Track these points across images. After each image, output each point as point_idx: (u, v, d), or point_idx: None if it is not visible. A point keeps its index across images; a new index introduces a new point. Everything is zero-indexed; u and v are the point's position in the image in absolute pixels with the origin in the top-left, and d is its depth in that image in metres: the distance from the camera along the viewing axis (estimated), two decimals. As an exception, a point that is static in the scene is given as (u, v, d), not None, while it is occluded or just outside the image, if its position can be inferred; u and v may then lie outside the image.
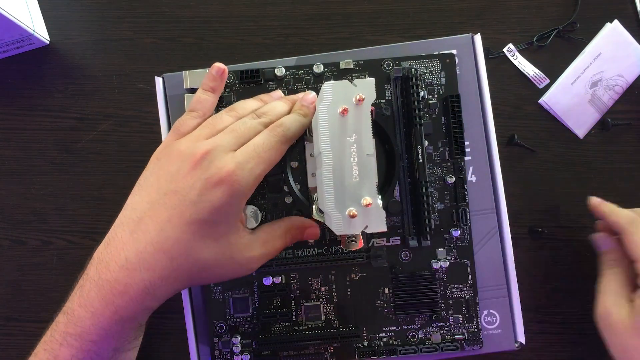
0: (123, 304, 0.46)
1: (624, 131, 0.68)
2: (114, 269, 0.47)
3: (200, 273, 0.48)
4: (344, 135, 0.44)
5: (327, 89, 0.44)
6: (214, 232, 0.48)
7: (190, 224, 0.47)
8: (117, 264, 0.47)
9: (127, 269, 0.46)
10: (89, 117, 0.67)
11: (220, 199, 0.47)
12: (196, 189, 0.47)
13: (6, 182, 0.67)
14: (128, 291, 0.46)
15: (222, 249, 0.49)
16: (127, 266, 0.46)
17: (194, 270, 0.48)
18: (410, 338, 0.57)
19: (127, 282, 0.46)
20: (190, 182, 0.47)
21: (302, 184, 0.56)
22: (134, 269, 0.46)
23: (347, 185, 0.44)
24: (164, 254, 0.46)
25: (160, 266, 0.46)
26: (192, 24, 0.68)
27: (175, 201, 0.47)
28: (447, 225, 0.57)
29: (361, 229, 0.44)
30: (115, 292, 0.46)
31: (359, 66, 0.57)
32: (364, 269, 0.57)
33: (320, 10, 0.69)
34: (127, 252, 0.47)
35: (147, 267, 0.46)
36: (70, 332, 0.48)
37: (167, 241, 0.46)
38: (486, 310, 0.58)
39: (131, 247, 0.47)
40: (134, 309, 0.47)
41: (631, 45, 0.68)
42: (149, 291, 0.47)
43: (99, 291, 0.47)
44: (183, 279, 0.48)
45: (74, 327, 0.47)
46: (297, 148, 0.56)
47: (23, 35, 0.64)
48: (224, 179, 0.47)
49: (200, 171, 0.47)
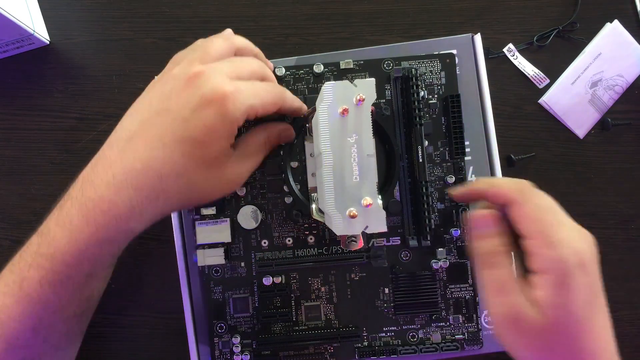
0: (104, 223, 0.45)
1: (624, 131, 0.68)
2: (99, 186, 0.45)
3: (190, 195, 0.47)
4: (344, 135, 0.44)
5: (327, 89, 0.44)
6: (205, 154, 0.46)
7: (181, 142, 0.45)
8: (102, 181, 0.45)
9: (113, 185, 0.45)
10: (89, 117, 0.67)
11: (212, 119, 0.45)
12: (189, 107, 0.45)
13: (6, 182, 0.67)
14: (112, 209, 0.45)
15: (213, 171, 0.48)
16: (113, 183, 0.45)
17: (183, 191, 0.46)
18: (410, 338, 0.57)
19: (112, 200, 0.45)
20: (183, 100, 0.46)
21: (302, 184, 0.56)
22: (121, 187, 0.45)
23: (348, 185, 0.44)
24: (153, 173, 0.45)
25: (148, 185, 0.45)
26: (192, 24, 0.68)
27: (167, 119, 0.46)
28: (447, 225, 0.57)
29: (361, 229, 0.44)
30: (98, 210, 0.45)
31: (359, 66, 0.57)
32: (364, 269, 0.57)
33: (320, 10, 0.69)
34: (114, 170, 0.45)
35: (134, 185, 0.45)
36: (42, 252, 0.46)
37: (157, 160, 0.45)
38: (486, 310, 0.58)
39: (119, 165, 0.45)
40: (116, 230, 0.45)
41: (631, 45, 0.68)
42: (135, 211, 0.45)
43: (80, 209, 0.45)
44: (172, 201, 0.47)
45: (47, 247, 0.46)
46: (297, 148, 0.56)
47: (23, 35, 0.64)
48: (217, 98, 0.45)
49: (194, 89, 0.46)
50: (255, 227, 0.56)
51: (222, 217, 0.56)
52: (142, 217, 0.46)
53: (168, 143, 0.45)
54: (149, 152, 0.45)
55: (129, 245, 0.64)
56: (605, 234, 0.67)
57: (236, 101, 0.46)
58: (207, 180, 0.47)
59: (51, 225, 0.46)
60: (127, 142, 0.46)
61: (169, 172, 0.45)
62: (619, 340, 0.65)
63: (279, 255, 0.57)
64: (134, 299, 0.65)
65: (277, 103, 0.50)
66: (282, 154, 0.55)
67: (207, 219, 0.56)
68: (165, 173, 0.45)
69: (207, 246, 0.56)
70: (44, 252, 0.46)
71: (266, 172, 0.56)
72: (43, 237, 0.46)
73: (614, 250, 0.67)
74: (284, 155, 0.55)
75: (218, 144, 0.47)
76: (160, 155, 0.45)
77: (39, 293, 0.46)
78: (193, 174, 0.46)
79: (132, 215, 0.45)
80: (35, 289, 0.46)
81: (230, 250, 0.57)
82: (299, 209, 0.55)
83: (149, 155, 0.45)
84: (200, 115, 0.45)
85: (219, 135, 0.46)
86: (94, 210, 0.45)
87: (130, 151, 0.45)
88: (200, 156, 0.46)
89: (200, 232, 0.56)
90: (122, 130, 0.47)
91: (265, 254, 0.57)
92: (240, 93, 0.46)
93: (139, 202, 0.45)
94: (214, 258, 0.56)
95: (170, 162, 0.45)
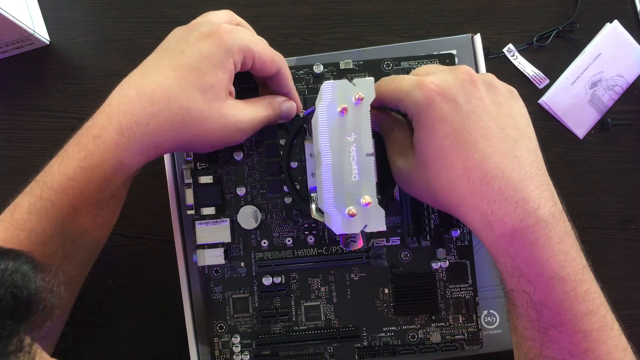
0: (93, 149, 0.46)
1: (624, 131, 0.68)
2: (95, 116, 0.47)
3: (183, 123, 0.47)
4: (343, 134, 0.44)
5: (326, 88, 0.44)
6: (200, 81, 0.46)
7: (175, 69, 0.46)
8: (100, 111, 0.47)
9: (106, 113, 0.46)
10: (89, 117, 0.67)
11: (208, 48, 0.46)
12: (186, 42, 0.47)
13: (6, 182, 0.67)
14: (101, 135, 0.46)
15: (208, 101, 0.47)
16: (107, 110, 0.46)
17: (175, 119, 0.46)
18: (410, 338, 0.57)
19: (103, 126, 0.46)
20: (182, 38, 0.48)
21: (302, 184, 0.56)
22: (113, 113, 0.46)
23: (347, 184, 0.44)
24: (146, 97, 0.46)
25: (140, 108, 0.46)
26: (192, 24, 0.68)
27: (165, 55, 0.48)
28: (447, 225, 0.57)
29: (360, 228, 0.44)
30: (89, 136, 0.46)
31: (358, 66, 0.57)
32: (363, 269, 0.57)
33: (320, 10, 0.69)
34: (110, 99, 0.47)
35: (125, 110, 0.46)
36: (37, 179, 0.48)
37: (150, 85, 0.46)
38: (486, 310, 0.58)
39: (115, 94, 0.47)
40: (104, 157, 0.46)
41: (631, 46, 0.68)
42: (124, 135, 0.45)
43: (75, 137, 0.47)
44: (163, 128, 0.46)
45: (42, 174, 0.47)
46: (297, 148, 0.56)
47: (23, 35, 0.64)
48: (215, 31, 0.47)
49: (193, 30, 0.48)
50: (255, 227, 0.56)
51: (222, 217, 0.56)
52: (131, 145, 0.46)
53: (163, 71, 0.47)
54: (143, 79, 0.47)
55: (129, 245, 0.64)
56: (605, 234, 0.67)
57: (232, 35, 0.47)
58: (203, 112, 0.47)
59: (52, 160, 0.48)
60: (127, 78, 0.48)
61: (162, 95, 0.46)
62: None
63: (278, 256, 0.57)
64: (134, 299, 0.65)
65: (276, 61, 0.51)
66: (282, 154, 0.55)
67: (207, 219, 0.56)
68: (157, 96, 0.46)
69: (207, 246, 0.56)
70: (38, 179, 0.47)
71: (266, 172, 0.56)
72: (43, 169, 0.48)
73: (614, 250, 0.67)
74: (284, 156, 0.55)
75: (213, 72, 0.47)
76: (155, 80, 0.46)
77: (25, 220, 0.47)
78: (186, 100, 0.46)
79: (120, 140, 0.46)
80: (22, 216, 0.47)
81: (230, 250, 0.57)
82: (298, 209, 0.55)
83: (142, 81, 0.47)
84: (197, 46, 0.47)
85: (214, 63, 0.47)
86: (86, 136, 0.46)
87: (127, 82, 0.47)
88: (194, 82, 0.46)
89: (200, 232, 0.56)
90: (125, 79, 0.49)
91: (265, 254, 0.57)
92: (237, 31, 0.48)
93: (128, 127, 0.45)
94: (214, 258, 0.56)
95: (164, 86, 0.46)
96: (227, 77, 0.48)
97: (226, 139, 0.50)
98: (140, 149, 0.47)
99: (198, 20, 0.51)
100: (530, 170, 0.45)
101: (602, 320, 0.45)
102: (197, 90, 0.46)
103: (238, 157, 0.56)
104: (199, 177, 0.56)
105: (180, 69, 0.46)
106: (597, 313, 0.45)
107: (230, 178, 0.57)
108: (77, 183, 0.46)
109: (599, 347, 0.44)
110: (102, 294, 0.65)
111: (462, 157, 0.45)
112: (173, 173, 0.59)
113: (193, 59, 0.46)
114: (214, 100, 0.47)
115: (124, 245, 0.65)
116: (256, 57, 0.49)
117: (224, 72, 0.47)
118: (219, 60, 0.47)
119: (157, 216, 0.66)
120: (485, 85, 0.47)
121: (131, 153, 0.46)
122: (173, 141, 0.47)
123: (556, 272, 0.44)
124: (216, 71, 0.47)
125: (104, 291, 0.65)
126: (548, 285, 0.44)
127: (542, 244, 0.44)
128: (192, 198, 0.55)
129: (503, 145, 0.45)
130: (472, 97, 0.46)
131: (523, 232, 0.44)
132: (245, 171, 0.57)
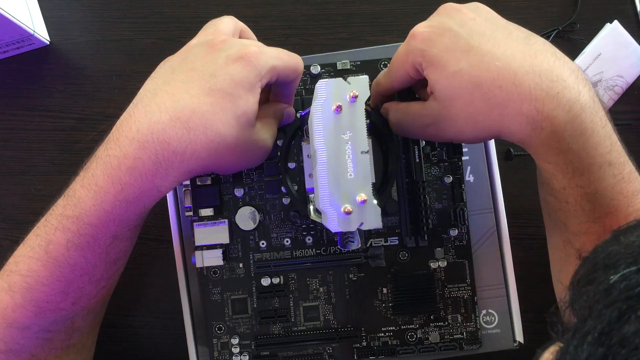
0: (130, 182, 0.44)
1: (624, 131, 0.68)
2: (123, 143, 0.43)
3: (218, 150, 0.45)
4: (339, 132, 0.44)
5: (321, 86, 0.44)
6: (233, 107, 0.45)
7: (209, 94, 0.44)
8: (127, 138, 0.43)
9: (138, 141, 0.43)
10: (89, 118, 0.67)
11: (240, 72, 0.45)
12: (215, 65, 0.45)
13: (6, 182, 0.67)
14: (137, 166, 0.43)
15: (242, 128, 0.46)
16: (138, 138, 0.43)
17: (212, 146, 0.44)
18: (409, 338, 0.57)
19: (137, 156, 0.43)
20: (209, 60, 0.46)
21: (300, 185, 0.56)
22: (146, 141, 0.43)
23: (342, 182, 0.44)
24: (181, 124, 0.43)
25: (176, 137, 0.43)
26: (192, 24, 0.68)
27: (193, 75, 0.45)
28: (445, 225, 0.57)
29: (356, 225, 0.44)
30: (123, 168, 0.43)
31: (356, 67, 0.58)
32: (362, 269, 0.57)
33: (320, 10, 0.69)
34: (139, 125, 0.43)
35: (160, 139, 0.43)
36: (68, 214, 0.45)
37: (184, 110, 0.43)
38: (485, 309, 0.58)
39: (144, 119, 0.43)
40: (142, 188, 0.44)
41: (631, 46, 0.68)
42: (161, 166, 0.44)
43: (105, 168, 0.44)
44: (200, 156, 0.44)
45: (72, 208, 0.45)
46: (295, 149, 0.56)
47: (23, 35, 0.64)
48: (244, 55, 0.45)
49: (219, 52, 0.46)
50: (253, 228, 0.56)
51: (220, 218, 0.56)
52: (168, 174, 0.44)
53: (196, 95, 0.44)
54: (176, 104, 0.44)
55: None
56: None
57: (261, 58, 0.46)
58: (237, 139, 0.46)
59: (77, 187, 0.45)
60: (152, 98, 0.45)
61: (197, 123, 0.43)
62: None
63: (277, 256, 0.57)
64: (133, 300, 0.66)
65: (297, 70, 0.50)
66: (280, 155, 0.55)
67: (206, 220, 0.56)
68: (193, 124, 0.43)
69: (205, 247, 0.56)
70: (70, 215, 0.45)
71: (264, 173, 0.56)
72: (68, 199, 0.46)
73: (614, 251, 0.67)
74: (282, 157, 0.55)
75: (245, 98, 0.45)
76: (189, 105, 0.44)
77: (66, 256, 0.46)
78: (222, 127, 0.44)
79: (157, 171, 0.44)
80: (62, 252, 0.46)
81: (229, 252, 0.57)
82: (296, 209, 0.55)
83: (175, 106, 0.44)
84: (228, 69, 0.45)
85: (246, 88, 0.45)
86: (118, 168, 0.44)
87: (156, 105, 0.44)
88: (229, 108, 0.44)
89: (199, 233, 0.56)
90: (146, 91, 0.46)
91: (264, 254, 0.57)
92: (264, 53, 0.47)
93: (165, 157, 0.43)
94: (213, 259, 0.56)
95: (199, 113, 0.44)
96: (256, 101, 0.47)
97: (255, 162, 0.51)
98: (177, 177, 0.45)
99: (213, 32, 0.50)
100: (555, 58, 0.44)
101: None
102: (231, 116, 0.45)
103: (236, 157, 0.56)
104: (197, 178, 0.56)
105: (213, 94, 0.44)
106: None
107: (228, 179, 0.57)
108: (116, 215, 0.45)
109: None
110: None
111: (485, 70, 0.43)
112: (172, 173, 0.59)
113: (226, 84, 0.44)
114: (246, 126, 0.46)
115: (124, 245, 0.66)
116: (281, 72, 0.48)
117: (254, 97, 0.46)
118: (250, 85, 0.45)
119: (156, 217, 0.65)
120: (472, 8, 0.47)
121: (168, 181, 0.45)
122: (206, 167, 0.47)
123: (606, 159, 0.44)
124: (248, 96, 0.45)
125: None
126: (600, 173, 0.44)
127: (591, 131, 0.43)
128: (190, 199, 0.55)
129: (518, 44, 0.44)
130: (464, 21, 0.45)
131: (573, 122, 0.42)
132: (243, 172, 0.57)
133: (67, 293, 0.48)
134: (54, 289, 0.47)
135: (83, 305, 0.50)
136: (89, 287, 0.49)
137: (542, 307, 0.65)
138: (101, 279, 0.50)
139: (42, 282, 0.47)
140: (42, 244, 0.46)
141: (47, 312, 0.48)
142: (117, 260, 0.50)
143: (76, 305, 0.49)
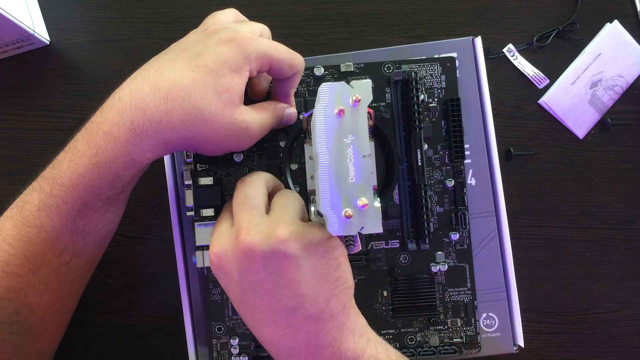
0: (104, 146, 0.45)
1: (624, 131, 0.68)
2: (105, 110, 0.46)
3: (195, 124, 0.46)
4: (341, 136, 0.44)
5: (323, 90, 0.44)
6: (216, 84, 0.46)
7: (192, 70, 0.46)
8: (109, 105, 0.46)
9: (117, 107, 0.45)
10: (89, 117, 0.67)
11: (227, 53, 0.46)
12: (206, 45, 0.47)
13: (6, 182, 0.67)
14: (112, 131, 0.45)
15: (222, 104, 0.46)
16: (118, 105, 0.45)
17: (188, 118, 0.45)
18: (409, 341, 0.57)
19: (114, 122, 0.45)
20: (201, 41, 0.47)
21: (302, 187, 0.56)
22: (124, 108, 0.45)
23: (344, 185, 0.44)
24: (160, 94, 0.45)
25: (153, 106, 0.45)
26: (192, 24, 0.68)
27: (182, 54, 0.47)
28: (446, 228, 0.57)
29: (357, 229, 0.44)
30: (100, 133, 0.45)
31: (359, 69, 0.57)
32: (362, 272, 0.57)
33: (320, 10, 0.69)
34: (121, 93, 0.46)
35: (138, 106, 0.45)
36: (46, 175, 0.47)
37: (165, 82, 0.45)
38: (485, 313, 0.58)
39: (126, 88, 0.46)
40: (115, 153, 0.45)
41: (631, 46, 0.68)
42: (135, 133, 0.45)
43: (85, 133, 0.46)
44: (175, 127, 0.46)
45: (51, 170, 0.47)
46: (297, 151, 0.56)
47: (23, 35, 0.64)
48: (235, 38, 0.46)
49: (213, 35, 0.47)
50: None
51: (221, 219, 0.56)
52: (142, 142, 0.45)
53: (179, 69, 0.46)
54: (158, 76, 0.45)
55: (129, 245, 0.64)
56: (605, 234, 0.67)
57: (252, 42, 0.47)
58: (215, 114, 0.46)
59: (60, 153, 0.47)
60: (139, 72, 0.47)
61: (176, 93, 0.45)
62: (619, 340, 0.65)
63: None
64: (134, 300, 0.66)
65: (294, 65, 0.51)
66: (282, 156, 0.55)
67: (207, 220, 0.56)
68: (172, 95, 0.45)
69: (206, 247, 0.56)
70: (47, 176, 0.47)
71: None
72: (51, 164, 0.48)
73: (614, 250, 0.67)
74: (284, 158, 0.55)
75: (230, 77, 0.46)
76: (171, 77, 0.45)
77: (35, 216, 0.47)
78: (200, 100, 0.45)
79: (132, 137, 0.45)
80: (32, 212, 0.47)
81: (230, 252, 0.57)
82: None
83: (157, 78, 0.45)
84: (216, 49, 0.46)
85: (232, 68, 0.46)
86: (96, 132, 0.45)
87: (140, 77, 0.46)
88: (210, 84, 0.46)
89: (200, 233, 0.56)
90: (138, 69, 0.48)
91: (264, 255, 0.57)
92: (257, 40, 0.48)
93: (140, 124, 0.45)
94: (213, 260, 0.56)
95: (179, 85, 0.45)
96: (242, 83, 0.47)
97: (235, 144, 0.50)
98: (152, 146, 0.46)
99: (212, 21, 0.51)
100: (307, 337, 0.46)
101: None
102: (212, 91, 0.46)
103: (238, 158, 0.56)
104: (199, 178, 0.55)
105: (197, 69, 0.46)
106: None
107: (230, 179, 0.57)
108: (88, 180, 0.46)
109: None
110: (102, 294, 0.65)
111: (247, 321, 0.48)
112: (173, 174, 0.59)
113: (211, 62, 0.46)
114: (227, 104, 0.47)
115: (124, 245, 0.65)
116: (274, 63, 0.49)
117: (240, 78, 0.47)
118: (236, 66, 0.46)
119: (157, 216, 0.66)
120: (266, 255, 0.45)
121: (142, 150, 0.46)
122: (183, 140, 0.47)
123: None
124: (232, 76, 0.46)
125: (103, 291, 0.65)
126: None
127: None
128: (192, 199, 0.55)
129: (277, 316, 0.46)
130: (248, 272, 0.46)
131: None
132: (245, 173, 0.56)
133: (27, 257, 0.48)
134: (17, 249, 0.48)
135: (41, 276, 0.49)
136: (51, 255, 0.49)
137: (541, 307, 0.66)
138: (64, 251, 0.49)
139: (7, 242, 0.48)
140: (20, 204, 0.48)
141: (2, 274, 0.48)
142: (85, 235, 0.50)
143: (33, 274, 0.49)
